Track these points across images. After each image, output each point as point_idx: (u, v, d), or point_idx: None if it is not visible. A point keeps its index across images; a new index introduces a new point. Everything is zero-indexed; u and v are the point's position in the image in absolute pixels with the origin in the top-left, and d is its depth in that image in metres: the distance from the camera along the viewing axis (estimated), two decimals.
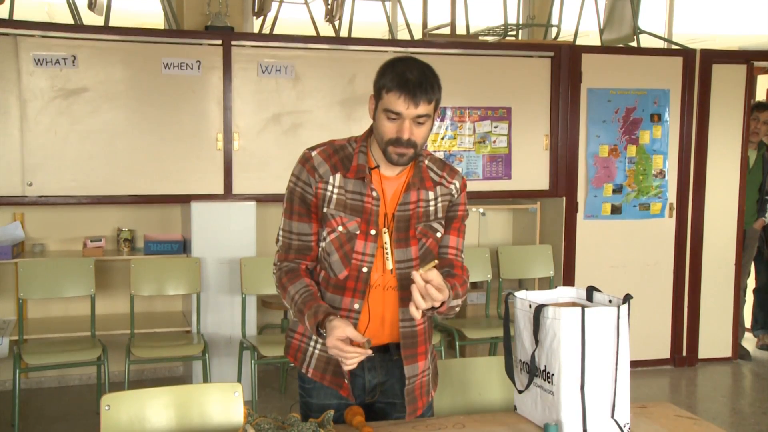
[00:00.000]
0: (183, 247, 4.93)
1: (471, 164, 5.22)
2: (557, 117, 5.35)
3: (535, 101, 5.33)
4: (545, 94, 5.35)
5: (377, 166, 2.10)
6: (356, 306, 2.08)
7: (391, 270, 2.09)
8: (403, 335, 2.14)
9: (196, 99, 4.75)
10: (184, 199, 4.80)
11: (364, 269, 2.07)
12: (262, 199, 4.89)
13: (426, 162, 2.17)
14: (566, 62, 5.32)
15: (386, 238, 2.08)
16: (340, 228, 2.07)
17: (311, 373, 2.17)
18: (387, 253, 2.08)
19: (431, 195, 2.15)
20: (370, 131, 2.14)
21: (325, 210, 2.08)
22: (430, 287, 1.90)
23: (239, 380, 4.57)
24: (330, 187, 2.08)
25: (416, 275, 1.90)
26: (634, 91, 5.41)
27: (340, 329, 1.92)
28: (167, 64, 4.68)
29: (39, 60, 4.47)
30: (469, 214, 2.26)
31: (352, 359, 1.91)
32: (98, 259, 4.71)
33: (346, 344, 1.91)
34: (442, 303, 1.96)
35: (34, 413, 4.60)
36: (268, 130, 4.87)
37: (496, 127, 5.27)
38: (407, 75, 1.97)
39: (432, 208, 2.15)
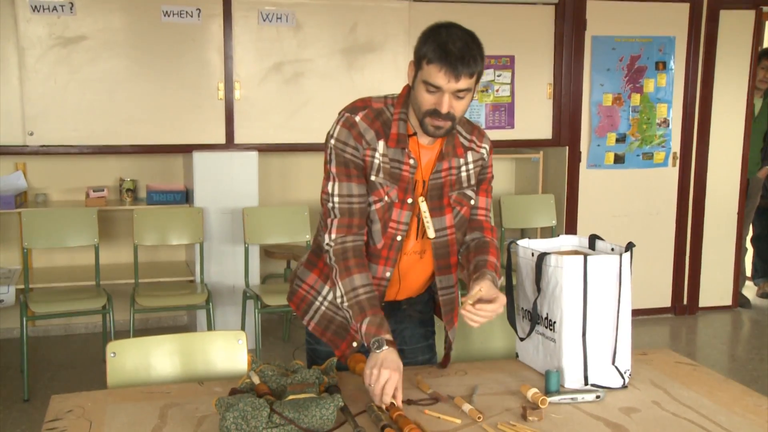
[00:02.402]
0: (185, 196, 4.93)
1: (473, 113, 5.19)
2: (561, 65, 5.29)
3: (539, 49, 5.27)
4: (549, 42, 5.28)
5: (414, 133, 2.02)
6: (387, 274, 2.06)
7: (432, 238, 2.06)
8: (444, 303, 2.15)
9: (196, 47, 4.69)
10: (186, 149, 4.78)
11: (398, 237, 2.04)
12: (264, 149, 4.87)
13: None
14: (570, 9, 5.23)
15: (424, 206, 2.03)
16: (386, 198, 2.01)
17: (312, 326, 2.17)
18: (427, 221, 2.04)
19: (461, 161, 2.08)
20: (407, 94, 2.02)
21: (372, 178, 2.00)
22: (482, 306, 1.89)
23: (243, 329, 4.61)
24: (377, 154, 1.99)
25: (467, 306, 1.90)
26: (639, 39, 5.34)
27: (398, 372, 1.85)
28: (167, 11, 4.61)
29: (36, 7, 4.41)
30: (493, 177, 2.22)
31: (381, 398, 1.83)
32: (101, 209, 4.72)
33: (397, 392, 1.84)
34: None
35: (41, 360, 4.66)
36: (269, 79, 4.82)
37: (499, 76, 5.22)
38: (449, 46, 1.85)
39: (464, 175, 2.09)
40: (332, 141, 2.00)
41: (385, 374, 1.81)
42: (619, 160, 5.43)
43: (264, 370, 1.90)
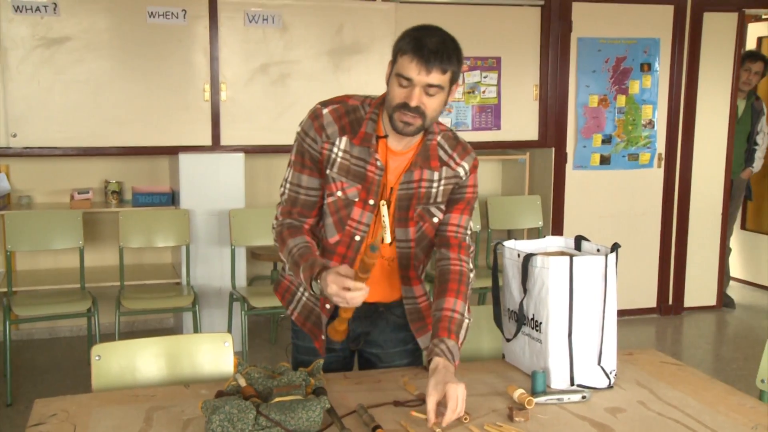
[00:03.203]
0: (171, 198, 4.91)
1: (460, 115, 5.19)
2: (547, 67, 5.31)
3: (525, 51, 5.28)
4: (535, 43, 5.30)
5: (386, 136, 2.00)
6: None
7: (390, 243, 2.05)
8: (409, 312, 2.15)
9: (182, 49, 4.68)
10: (172, 151, 4.76)
11: (357, 237, 2.03)
12: (250, 151, 4.85)
13: (438, 139, 2.05)
14: (556, 11, 5.25)
15: (384, 210, 2.02)
16: (339, 193, 2.01)
17: (295, 316, 2.19)
18: (385, 226, 2.03)
19: (435, 176, 2.04)
20: (384, 99, 2.02)
21: (327, 172, 2.02)
22: (447, 415, 1.75)
23: (229, 332, 4.59)
24: (335, 149, 2.00)
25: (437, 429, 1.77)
26: (624, 41, 5.37)
27: (333, 272, 1.83)
28: (152, 12, 4.59)
29: (18, 7, 4.38)
30: (477, 196, 2.15)
31: (352, 295, 1.80)
32: (86, 212, 4.69)
33: (345, 280, 1.80)
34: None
35: (25, 364, 4.62)
36: (255, 81, 4.81)
37: (485, 77, 5.23)
38: (425, 40, 1.85)
39: (434, 191, 2.05)
40: (299, 128, 2.07)
41: (332, 287, 1.80)
42: (604, 161, 5.45)
43: (250, 373, 1.89)
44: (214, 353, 2.20)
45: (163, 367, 2.16)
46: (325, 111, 2.02)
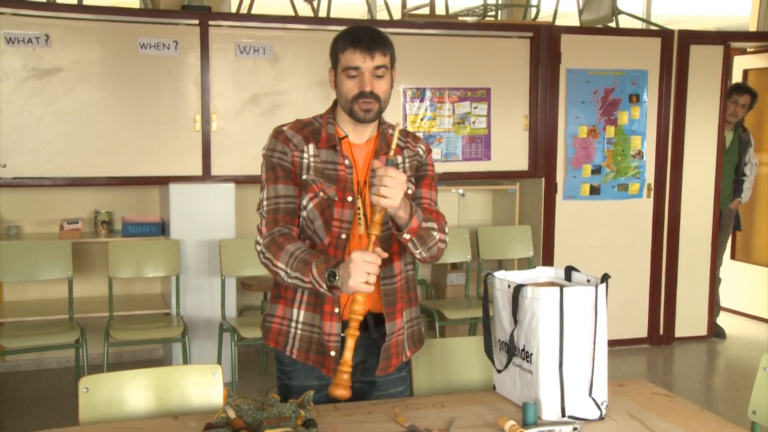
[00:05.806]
0: (161, 229, 4.90)
1: (450, 145, 5.22)
2: (536, 98, 5.35)
3: (515, 82, 5.33)
4: (524, 74, 5.35)
5: (346, 136, 2.16)
6: None
7: (367, 234, 2.09)
8: (384, 293, 2.17)
9: (173, 80, 4.69)
10: (163, 181, 4.76)
11: (343, 236, 2.11)
12: (240, 181, 4.86)
13: (390, 131, 2.23)
14: (545, 43, 5.31)
15: (359, 203, 2.13)
16: (321, 193, 2.10)
17: (296, 354, 2.17)
18: (359, 218, 2.12)
19: (399, 159, 2.20)
20: (333, 107, 2.21)
21: (304, 177, 2.12)
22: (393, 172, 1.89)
23: (219, 362, 4.56)
24: (306, 155, 2.13)
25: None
26: (612, 72, 5.42)
27: (357, 252, 1.91)
28: (143, 44, 4.62)
29: (10, 39, 4.40)
30: (437, 178, 2.30)
31: (375, 267, 1.90)
32: (75, 242, 4.67)
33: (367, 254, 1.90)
34: (413, 217, 2.00)
35: (11, 397, 4.57)
36: (246, 111, 4.83)
37: (475, 108, 5.27)
38: (359, 33, 2.08)
39: (400, 169, 2.19)
40: (263, 152, 2.16)
41: (359, 263, 1.88)
42: (594, 191, 5.48)
43: (240, 404, 1.88)
44: (203, 385, 2.18)
45: (152, 399, 2.14)
46: (284, 128, 2.19)
